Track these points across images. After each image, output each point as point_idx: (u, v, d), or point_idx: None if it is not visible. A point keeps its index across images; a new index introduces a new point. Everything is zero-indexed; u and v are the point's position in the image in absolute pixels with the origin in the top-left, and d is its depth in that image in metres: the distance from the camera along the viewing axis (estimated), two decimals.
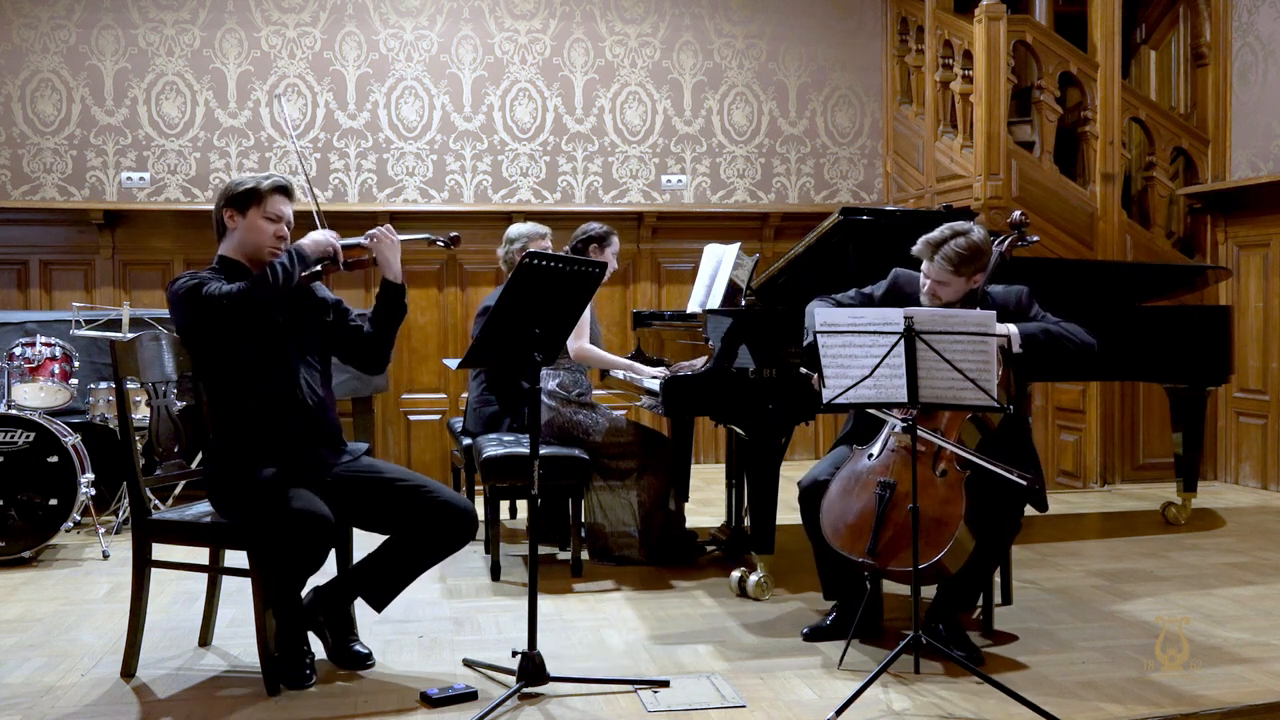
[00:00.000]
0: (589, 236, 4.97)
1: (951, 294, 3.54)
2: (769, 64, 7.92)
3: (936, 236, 3.50)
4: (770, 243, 7.72)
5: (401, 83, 7.49)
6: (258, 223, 3.37)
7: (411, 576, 3.44)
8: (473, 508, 3.46)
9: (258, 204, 3.36)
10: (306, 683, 3.26)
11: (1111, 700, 3.17)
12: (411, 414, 7.41)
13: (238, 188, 3.38)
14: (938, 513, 3.31)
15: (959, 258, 3.47)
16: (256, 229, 3.37)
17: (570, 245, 4.99)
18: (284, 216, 3.40)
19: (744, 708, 3.11)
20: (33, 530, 4.87)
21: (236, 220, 3.39)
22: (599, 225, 5.01)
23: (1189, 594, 4.34)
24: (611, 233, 5.01)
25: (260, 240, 3.37)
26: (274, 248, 3.38)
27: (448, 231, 3.76)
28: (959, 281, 3.52)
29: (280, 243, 3.39)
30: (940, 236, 3.49)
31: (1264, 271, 6.76)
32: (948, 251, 3.47)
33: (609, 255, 4.94)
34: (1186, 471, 5.72)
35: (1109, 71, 6.93)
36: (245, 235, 3.39)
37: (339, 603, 3.45)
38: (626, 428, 4.86)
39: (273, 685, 3.23)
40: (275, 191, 3.38)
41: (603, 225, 5.02)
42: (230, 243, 3.43)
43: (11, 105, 7.12)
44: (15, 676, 3.42)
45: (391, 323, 3.52)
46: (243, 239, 3.40)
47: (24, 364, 5.27)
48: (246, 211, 3.37)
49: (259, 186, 3.37)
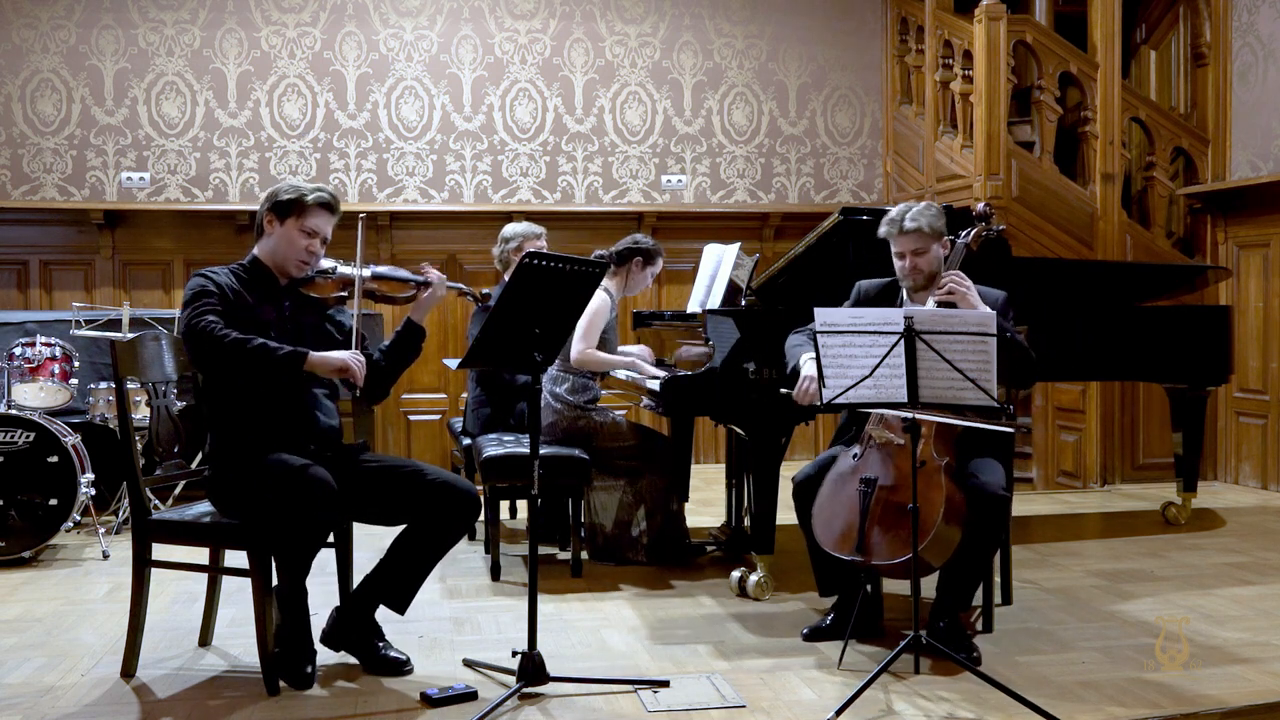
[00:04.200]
0: (639, 249, 4.85)
1: (931, 261, 3.69)
2: (769, 64, 7.93)
3: (896, 213, 3.71)
4: (770, 243, 7.73)
5: (401, 83, 7.49)
6: (292, 234, 3.36)
7: (425, 571, 3.43)
8: (474, 488, 3.45)
9: (297, 216, 3.35)
10: (308, 682, 3.25)
11: (1111, 700, 3.17)
12: (411, 414, 7.42)
13: (282, 195, 3.37)
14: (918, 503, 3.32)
15: (924, 217, 3.66)
16: (289, 240, 3.36)
17: (617, 249, 4.87)
18: (320, 233, 3.39)
19: (744, 708, 3.11)
20: (33, 530, 4.87)
21: (274, 226, 3.38)
22: (650, 240, 4.91)
23: (1189, 594, 4.34)
24: (661, 253, 4.92)
25: (290, 253, 3.37)
26: (301, 262, 3.38)
27: (481, 289, 3.74)
28: (933, 245, 3.68)
29: (310, 259, 3.38)
30: (900, 210, 3.71)
31: (1264, 271, 6.76)
32: (913, 215, 3.67)
33: (649, 274, 4.90)
34: (1186, 471, 5.72)
35: (1109, 71, 6.93)
36: (278, 243, 3.38)
37: (362, 616, 3.44)
38: (627, 428, 4.85)
39: (273, 685, 3.22)
40: (318, 206, 3.37)
41: (654, 242, 4.91)
42: (265, 246, 3.42)
43: (11, 105, 7.12)
44: (15, 676, 3.42)
45: (406, 361, 3.55)
46: (275, 246, 3.39)
47: (24, 364, 5.26)
48: (285, 220, 3.36)
49: (303, 198, 3.35)
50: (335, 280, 3.45)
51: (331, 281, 3.45)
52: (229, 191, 7.34)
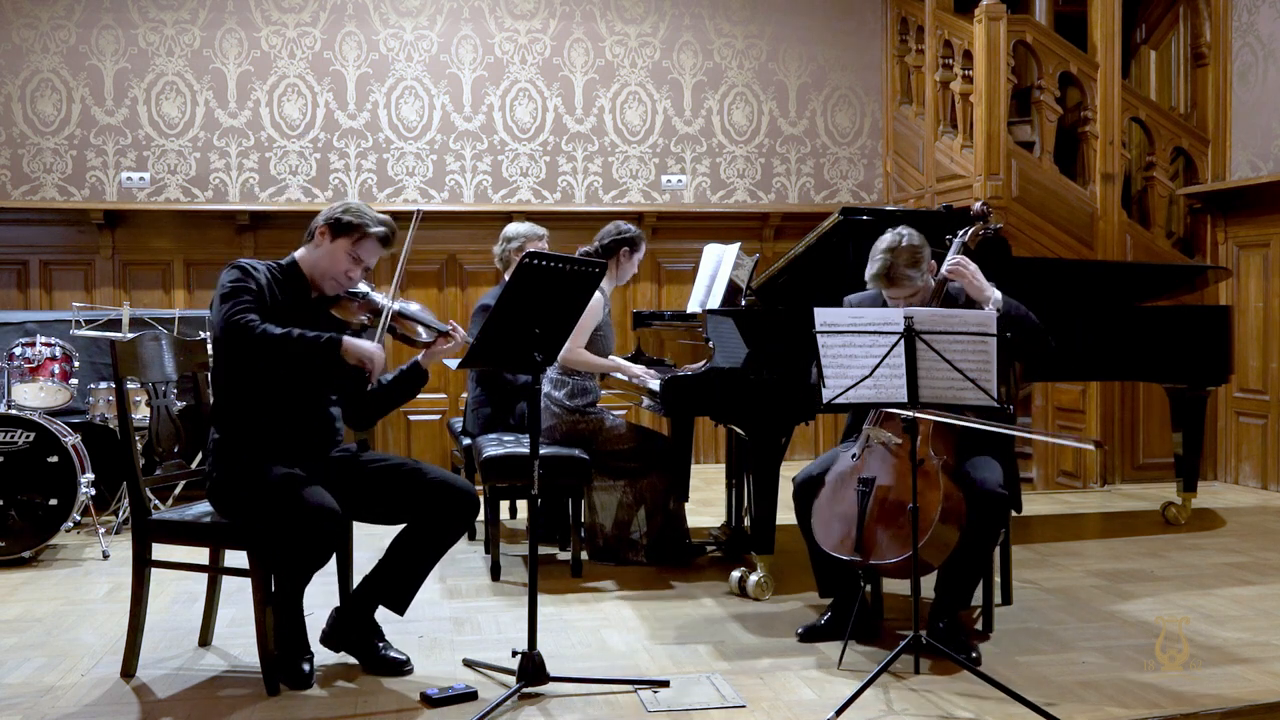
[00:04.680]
0: (624, 237, 4.84)
1: (923, 293, 3.67)
2: (769, 64, 7.93)
3: (879, 266, 3.60)
4: (770, 243, 7.72)
5: (401, 83, 7.49)
6: (340, 254, 3.39)
7: (425, 571, 3.44)
8: (473, 488, 3.47)
9: (352, 240, 3.38)
10: (307, 683, 3.26)
11: (1111, 700, 3.17)
12: (411, 414, 7.41)
13: (345, 216, 3.39)
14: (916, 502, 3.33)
15: (908, 260, 3.57)
16: (336, 259, 3.39)
17: (600, 243, 4.85)
18: (365, 262, 3.43)
19: (744, 708, 3.11)
20: (33, 530, 4.87)
21: (325, 240, 3.40)
22: (632, 226, 4.91)
23: (1189, 594, 4.34)
24: (643, 237, 4.92)
25: (332, 270, 3.40)
26: (339, 283, 3.41)
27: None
28: (924, 277, 3.65)
29: (348, 283, 3.42)
30: (883, 263, 3.59)
31: (1264, 271, 6.76)
32: (898, 264, 3.57)
33: (635, 261, 4.90)
34: (1186, 471, 5.72)
35: (1109, 71, 6.93)
36: (323, 257, 3.41)
37: (361, 616, 3.44)
38: (627, 429, 4.85)
39: (273, 685, 3.23)
40: (376, 240, 3.41)
41: (635, 227, 4.91)
42: (308, 255, 3.44)
43: (11, 105, 7.12)
44: (15, 676, 3.42)
45: (403, 399, 3.61)
46: (319, 259, 3.41)
47: (24, 364, 5.27)
48: (338, 238, 3.39)
49: (365, 227, 3.38)
50: (362, 305, 3.46)
51: (359, 305, 3.46)
52: (229, 191, 7.34)
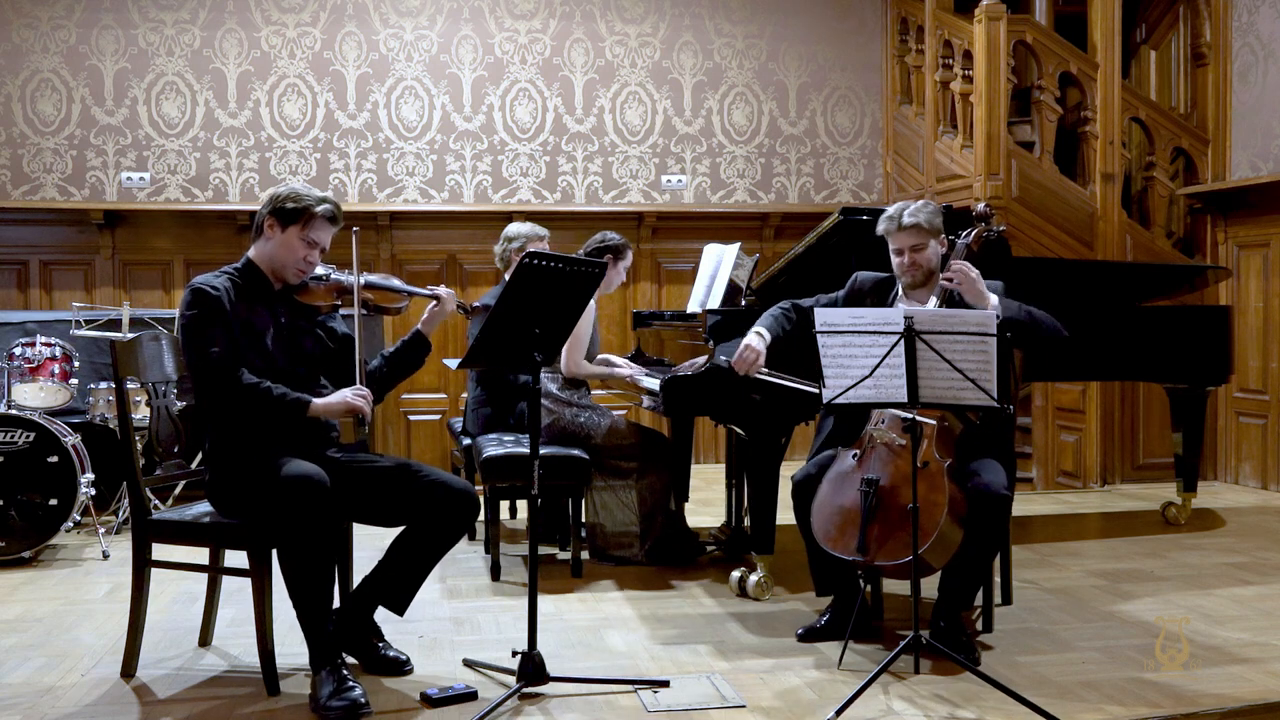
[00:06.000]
0: (609, 246, 4.87)
1: (929, 258, 3.70)
2: (769, 64, 7.93)
3: (894, 210, 3.73)
4: (770, 243, 7.72)
5: (401, 83, 7.49)
6: (293, 242, 3.33)
7: (424, 571, 3.42)
8: (471, 487, 3.45)
9: (301, 225, 3.32)
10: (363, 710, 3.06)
11: (1111, 700, 3.17)
12: (411, 414, 7.42)
13: (288, 203, 3.32)
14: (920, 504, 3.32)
15: (922, 214, 3.67)
16: (290, 248, 3.33)
17: (585, 251, 4.88)
18: (320, 244, 3.37)
19: (744, 708, 3.11)
20: (33, 530, 4.87)
21: (275, 232, 3.34)
22: (617, 236, 4.93)
23: (1189, 594, 4.34)
24: (629, 246, 4.95)
25: (290, 259, 3.35)
26: (300, 270, 3.37)
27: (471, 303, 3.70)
28: (931, 241, 3.69)
29: (308, 268, 3.37)
30: (897, 208, 3.72)
31: (1264, 271, 6.76)
32: (911, 212, 3.68)
33: (621, 269, 4.91)
34: (1186, 471, 5.72)
35: (1109, 71, 6.93)
36: (277, 249, 3.35)
37: (361, 616, 3.44)
38: (626, 428, 4.86)
39: (273, 685, 3.22)
40: (324, 219, 3.35)
41: (620, 237, 4.94)
42: (261, 250, 3.39)
43: (11, 105, 7.12)
44: (15, 676, 3.42)
45: (408, 371, 3.57)
46: (274, 252, 3.36)
47: (24, 364, 5.26)
48: (288, 227, 3.33)
49: (310, 208, 3.32)
50: (329, 287, 3.42)
51: (325, 288, 3.42)
52: (229, 191, 7.34)
